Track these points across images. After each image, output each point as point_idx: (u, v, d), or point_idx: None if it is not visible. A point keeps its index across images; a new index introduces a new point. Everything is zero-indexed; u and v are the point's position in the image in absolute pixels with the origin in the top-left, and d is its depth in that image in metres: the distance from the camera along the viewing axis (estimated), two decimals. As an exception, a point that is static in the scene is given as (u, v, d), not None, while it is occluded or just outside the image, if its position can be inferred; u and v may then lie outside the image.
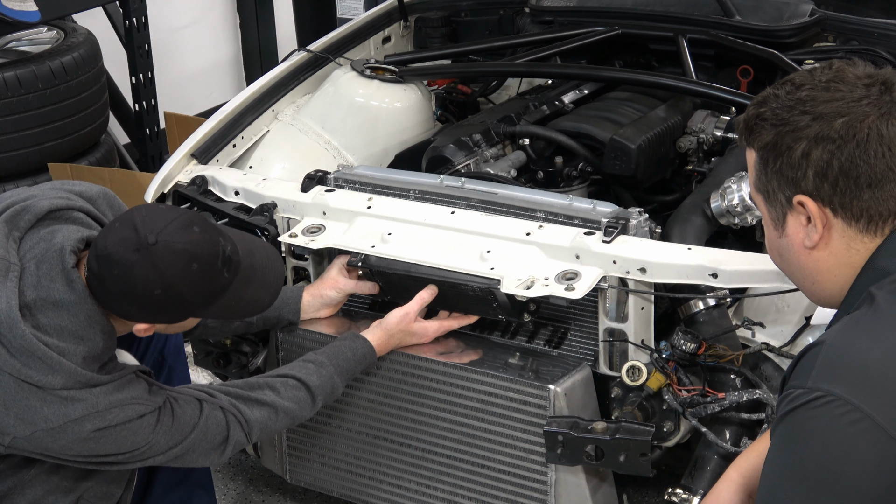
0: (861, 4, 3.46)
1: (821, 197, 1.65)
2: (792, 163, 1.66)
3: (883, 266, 1.65)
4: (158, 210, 2.11)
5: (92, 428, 2.10)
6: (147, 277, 2.04)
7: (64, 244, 2.11)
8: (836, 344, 1.58)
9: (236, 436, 2.34)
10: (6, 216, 2.15)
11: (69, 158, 4.22)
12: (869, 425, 1.49)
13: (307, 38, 4.06)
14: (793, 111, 1.66)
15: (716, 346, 2.40)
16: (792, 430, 1.56)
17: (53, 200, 2.20)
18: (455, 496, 2.67)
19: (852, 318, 1.62)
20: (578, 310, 2.55)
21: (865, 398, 1.50)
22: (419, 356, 2.61)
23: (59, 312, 2.08)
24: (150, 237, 2.03)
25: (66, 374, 2.05)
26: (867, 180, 1.62)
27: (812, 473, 1.53)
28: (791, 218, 1.70)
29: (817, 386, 1.53)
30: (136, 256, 2.03)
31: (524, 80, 3.66)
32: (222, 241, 2.12)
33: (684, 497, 2.40)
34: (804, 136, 1.64)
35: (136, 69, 4.89)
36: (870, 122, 1.61)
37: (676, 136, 3.10)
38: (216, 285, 2.11)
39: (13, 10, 4.01)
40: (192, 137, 3.15)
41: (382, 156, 3.32)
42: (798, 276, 1.77)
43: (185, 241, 2.06)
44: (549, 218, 2.58)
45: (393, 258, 2.63)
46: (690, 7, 3.48)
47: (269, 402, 2.40)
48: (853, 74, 1.67)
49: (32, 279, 2.08)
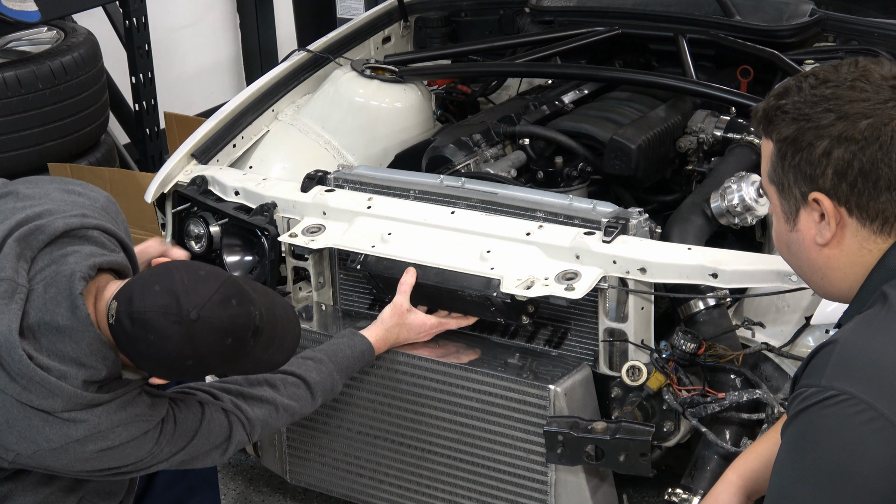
0: (861, 4, 3.46)
1: (837, 196, 1.63)
2: (812, 160, 1.64)
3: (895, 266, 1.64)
4: (199, 279, 2.06)
5: (95, 448, 2.09)
6: (181, 350, 2.02)
7: (75, 270, 2.06)
8: (850, 342, 1.57)
9: (238, 435, 2.34)
10: (19, 235, 2.09)
11: (69, 158, 4.22)
12: (883, 424, 1.48)
13: (307, 38, 4.06)
14: (816, 107, 1.64)
15: (716, 346, 2.40)
16: (805, 428, 1.55)
17: (69, 220, 2.15)
18: (455, 496, 2.67)
19: (865, 317, 1.62)
20: (578, 310, 2.55)
21: (880, 397, 1.49)
22: (419, 356, 2.61)
23: (60, 338, 2.04)
24: (192, 313, 2.00)
25: (66, 397, 2.03)
26: (886, 183, 1.61)
27: (825, 472, 1.52)
28: (804, 213, 1.69)
29: (831, 384, 1.52)
30: (175, 329, 2.00)
31: (524, 80, 3.65)
32: (254, 312, 2.09)
33: (684, 497, 2.40)
34: (827, 135, 1.62)
35: (136, 69, 4.89)
36: (894, 126, 1.60)
37: (676, 136, 3.10)
38: (240, 353, 2.10)
39: (13, 10, 4.01)
40: (192, 137, 3.15)
41: (382, 156, 3.32)
42: (806, 270, 1.76)
43: (224, 317, 2.03)
44: (549, 218, 2.58)
45: (393, 258, 2.63)
46: (690, 7, 3.48)
47: (269, 399, 2.40)
48: (879, 75, 1.65)
49: (39, 302, 2.05)
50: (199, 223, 2.96)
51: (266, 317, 2.11)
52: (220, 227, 2.93)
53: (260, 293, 2.17)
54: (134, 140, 5.13)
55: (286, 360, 2.27)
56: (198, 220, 2.96)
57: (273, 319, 2.14)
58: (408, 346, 2.63)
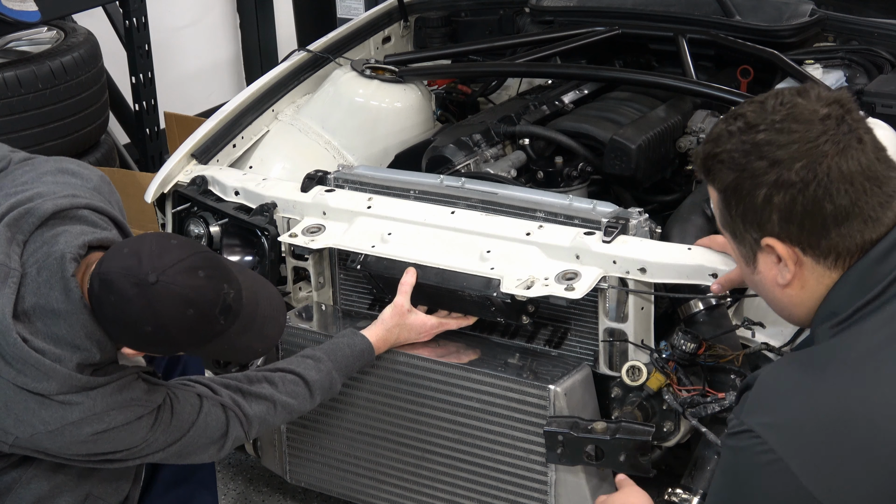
0: (861, 4, 3.46)
1: (789, 238, 1.63)
2: (755, 207, 1.63)
3: (833, 309, 1.65)
4: (168, 246, 2.06)
5: (91, 431, 2.11)
6: (140, 314, 2.02)
7: (65, 251, 2.08)
8: (764, 382, 1.63)
9: (235, 432, 2.35)
10: (9, 219, 2.12)
11: (69, 158, 4.22)
12: (782, 468, 1.53)
13: (307, 38, 4.06)
14: (749, 156, 1.62)
15: (716, 346, 2.40)
16: (722, 457, 1.65)
17: (58, 201, 2.16)
18: (455, 496, 2.67)
19: (791, 358, 1.67)
20: (578, 310, 2.55)
21: (779, 440, 1.54)
22: (419, 356, 2.61)
23: (55, 321, 2.06)
24: (150, 276, 1.99)
25: (60, 380, 2.05)
26: (833, 219, 1.60)
27: (728, 501, 1.62)
28: (761, 257, 1.69)
29: (741, 419, 1.59)
30: (133, 291, 2.00)
31: (524, 80, 3.65)
32: (226, 289, 2.06)
33: (684, 497, 2.40)
34: (764, 183, 1.61)
35: (136, 69, 4.89)
36: (829, 162, 1.59)
37: (676, 136, 3.10)
38: (209, 331, 2.08)
39: (13, 10, 4.01)
40: (192, 137, 3.15)
41: (382, 156, 3.32)
42: (775, 306, 1.78)
43: (185, 285, 2.01)
44: (549, 218, 2.58)
45: (393, 258, 2.63)
46: (690, 7, 3.48)
47: (268, 396, 2.40)
48: (808, 110, 1.62)
49: (33, 285, 2.07)
50: (199, 223, 2.96)
51: (245, 299, 2.10)
52: (220, 227, 2.93)
53: (247, 277, 2.17)
54: (134, 140, 5.13)
55: (267, 350, 2.27)
56: (198, 220, 2.96)
57: (253, 304, 2.13)
58: (408, 346, 2.63)
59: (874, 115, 2.84)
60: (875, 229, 1.61)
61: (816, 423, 1.54)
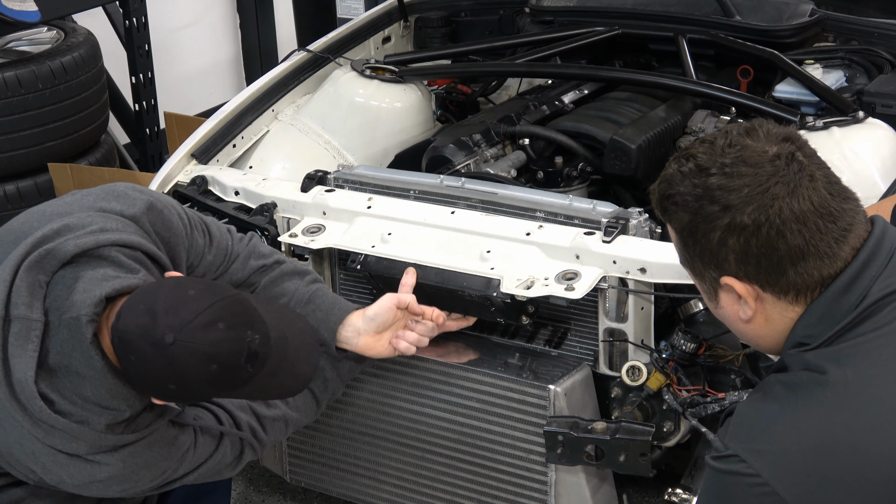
0: (861, 4, 3.46)
1: (747, 276, 1.64)
2: (711, 248, 1.65)
3: (800, 340, 1.66)
4: (184, 298, 1.93)
5: (118, 489, 2.10)
6: (161, 373, 1.92)
7: (80, 314, 1.96)
8: (747, 406, 1.67)
9: (248, 456, 2.35)
10: (30, 262, 2.01)
11: (69, 158, 4.22)
12: (769, 491, 1.55)
13: (307, 38, 4.06)
14: (701, 200, 1.63)
15: (716, 346, 2.40)
16: (708, 478, 1.67)
17: (81, 240, 2.03)
18: (455, 496, 2.67)
19: (771, 382, 1.68)
20: (578, 310, 2.55)
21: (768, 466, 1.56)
22: (419, 356, 2.61)
23: (80, 382, 1.98)
24: (167, 336, 1.88)
25: (90, 441, 2.00)
26: (789, 258, 1.61)
27: None
28: (722, 294, 1.70)
29: (726, 443, 1.62)
30: (151, 351, 1.90)
31: (524, 80, 3.65)
32: (249, 335, 1.94)
33: (684, 497, 2.40)
34: (717, 226, 1.62)
35: (136, 69, 4.89)
36: (780, 204, 1.59)
37: (676, 136, 3.10)
38: (237, 380, 1.98)
39: (13, 10, 4.01)
40: (192, 137, 3.15)
41: (382, 156, 3.32)
42: (743, 338, 1.81)
43: (205, 341, 1.89)
44: (549, 218, 2.58)
45: (393, 258, 2.63)
46: (690, 7, 3.49)
47: (282, 416, 2.40)
48: (757, 151, 1.62)
49: (56, 340, 1.97)
50: (199, 223, 2.96)
51: (273, 340, 1.99)
52: (220, 227, 2.94)
53: (274, 315, 2.05)
54: (134, 140, 5.13)
55: (300, 389, 2.18)
56: (198, 220, 2.96)
57: (282, 344, 2.02)
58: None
59: (874, 115, 2.84)
60: (832, 265, 1.62)
61: (801, 449, 1.56)
